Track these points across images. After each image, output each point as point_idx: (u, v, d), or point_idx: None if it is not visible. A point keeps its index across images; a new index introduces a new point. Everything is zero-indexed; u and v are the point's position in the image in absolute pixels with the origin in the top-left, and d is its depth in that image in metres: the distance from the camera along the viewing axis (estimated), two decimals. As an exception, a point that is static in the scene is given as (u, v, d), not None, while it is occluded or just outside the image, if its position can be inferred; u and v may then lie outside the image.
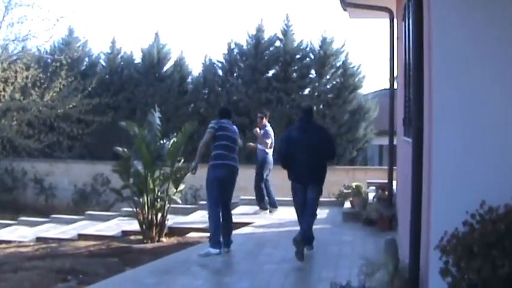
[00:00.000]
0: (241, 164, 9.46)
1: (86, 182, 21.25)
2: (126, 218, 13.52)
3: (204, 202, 15.93)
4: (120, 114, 21.21)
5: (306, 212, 8.97)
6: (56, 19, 16.79)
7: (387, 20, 12.10)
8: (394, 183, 11.61)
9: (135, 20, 54.61)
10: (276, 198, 13.48)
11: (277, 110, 20.64)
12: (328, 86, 21.71)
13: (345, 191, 13.22)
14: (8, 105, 19.35)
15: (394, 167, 11.68)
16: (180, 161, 11.90)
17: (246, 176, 18.41)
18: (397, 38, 10.47)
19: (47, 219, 15.71)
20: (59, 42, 23.27)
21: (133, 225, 12.31)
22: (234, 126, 9.55)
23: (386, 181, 12.60)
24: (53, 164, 21.55)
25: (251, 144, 13.52)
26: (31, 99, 19.08)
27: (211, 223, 9.00)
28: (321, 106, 21.30)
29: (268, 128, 13.19)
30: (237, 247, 9.51)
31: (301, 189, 8.98)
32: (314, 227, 9.39)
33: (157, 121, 12.06)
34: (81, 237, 12.40)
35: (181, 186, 12.00)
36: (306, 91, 21.88)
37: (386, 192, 11.86)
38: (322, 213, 12.99)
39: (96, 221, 14.53)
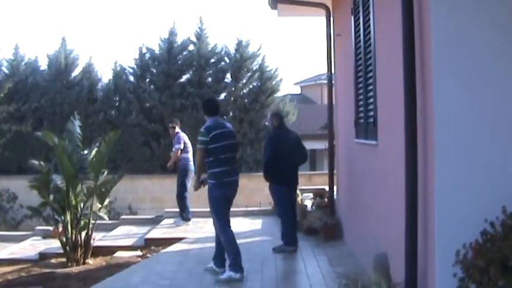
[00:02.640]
0: (157, 174, 8.42)
1: (-11, 199, 19.59)
2: (41, 238, 12.32)
3: (126, 217, 15.16)
4: (26, 125, 19.61)
5: (293, 213, 9.51)
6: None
7: (317, 18, 11.59)
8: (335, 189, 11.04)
9: (39, 23, 52.22)
10: (196, 210, 12.68)
11: (192, 117, 19.87)
12: (244, 91, 21.24)
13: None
14: None
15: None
16: (103, 173, 10.86)
17: (163, 187, 17.72)
18: (338, 35, 9.90)
19: None
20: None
21: (51, 246, 11.16)
22: (229, 124, 8.06)
23: (322, 187, 12.13)
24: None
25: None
26: None
27: (229, 244, 7.62)
28: (237, 112, 20.71)
29: (181, 133, 12.66)
30: (177, 267, 8.64)
31: (287, 192, 9.32)
32: (252, 240, 10.41)
33: (78, 130, 10.94)
34: (-7, 262, 11.06)
35: (106, 201, 10.93)
36: (222, 96, 21.25)
37: (326, 199, 11.28)
38: (256, 223, 12.40)
39: (7, 242, 13.09)
